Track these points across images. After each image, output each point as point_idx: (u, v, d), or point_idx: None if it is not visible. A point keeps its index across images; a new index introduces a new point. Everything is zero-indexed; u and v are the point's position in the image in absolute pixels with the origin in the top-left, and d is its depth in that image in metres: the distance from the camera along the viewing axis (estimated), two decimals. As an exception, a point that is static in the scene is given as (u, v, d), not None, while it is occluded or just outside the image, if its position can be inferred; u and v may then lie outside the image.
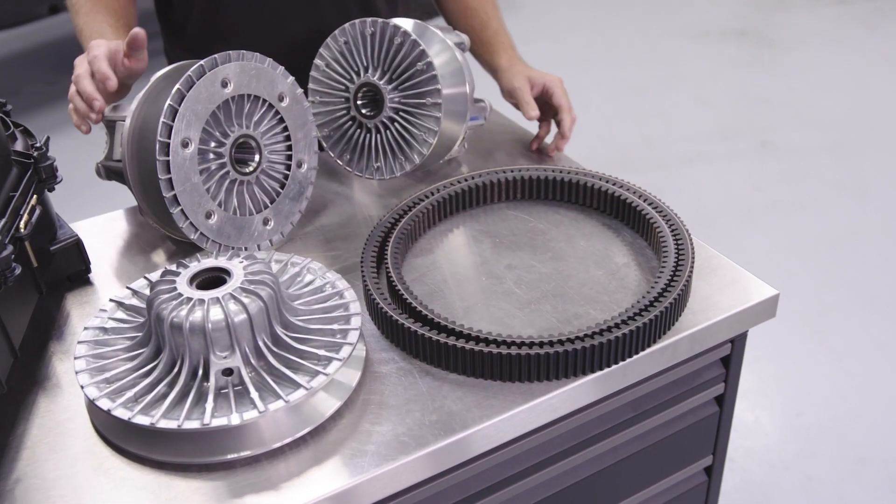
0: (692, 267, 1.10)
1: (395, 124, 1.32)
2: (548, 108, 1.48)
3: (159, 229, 1.29)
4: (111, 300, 1.08)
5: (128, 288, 1.10)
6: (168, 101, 1.10)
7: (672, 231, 1.17)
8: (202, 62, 1.13)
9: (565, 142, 1.46)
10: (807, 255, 2.86)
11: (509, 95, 1.48)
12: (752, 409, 2.28)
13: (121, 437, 0.95)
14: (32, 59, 4.80)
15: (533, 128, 1.56)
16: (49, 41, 4.95)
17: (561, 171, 1.31)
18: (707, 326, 1.07)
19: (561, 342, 0.99)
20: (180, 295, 0.96)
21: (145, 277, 1.11)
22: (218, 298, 0.95)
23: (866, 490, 2.04)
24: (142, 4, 1.65)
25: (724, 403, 1.23)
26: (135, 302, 1.08)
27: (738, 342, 1.17)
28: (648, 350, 1.04)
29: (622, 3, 4.87)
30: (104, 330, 1.04)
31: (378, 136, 1.34)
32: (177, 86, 1.11)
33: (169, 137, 1.11)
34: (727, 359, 1.19)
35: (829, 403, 2.29)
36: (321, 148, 1.41)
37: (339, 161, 1.39)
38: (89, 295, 1.22)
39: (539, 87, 1.46)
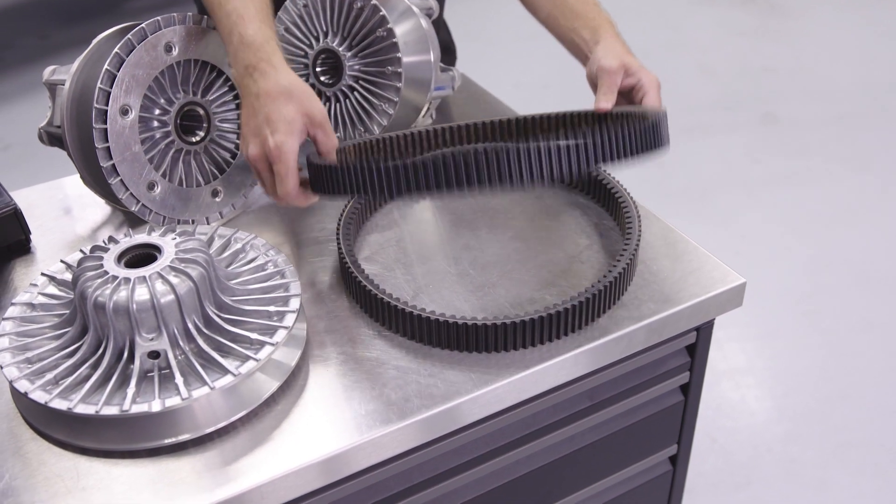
0: (637, 245, 1.05)
1: (355, 93, 1.26)
2: (630, 97, 1.19)
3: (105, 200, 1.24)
4: (43, 274, 1.03)
5: (61, 261, 1.05)
6: (105, 66, 1.05)
7: (624, 210, 1.11)
8: (143, 24, 1.07)
9: None
10: (803, 230, 2.79)
11: (593, 76, 1.18)
12: (738, 389, 2.23)
13: (41, 421, 0.91)
14: (25, 12, 4.72)
15: (509, 100, 1.49)
16: (43, -5, 4.87)
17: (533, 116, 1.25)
18: (666, 316, 1.02)
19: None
20: (106, 273, 0.91)
21: (81, 251, 1.06)
22: (144, 277, 0.90)
23: (849, 474, 2.00)
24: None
25: (690, 392, 1.18)
26: (67, 277, 1.03)
27: (703, 330, 1.11)
28: (602, 340, 0.99)
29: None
30: (32, 306, 0.99)
31: (338, 104, 1.28)
32: (115, 49, 1.05)
33: (107, 104, 1.05)
34: (692, 347, 1.13)
35: (817, 384, 2.24)
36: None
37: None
38: (31, 266, 1.17)
39: (632, 81, 1.16)
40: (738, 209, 2.90)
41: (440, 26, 1.48)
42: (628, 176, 1.21)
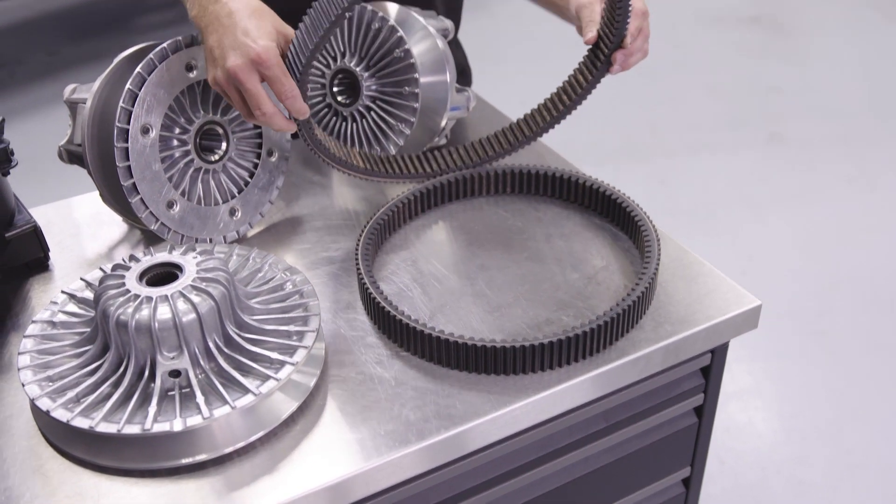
0: (656, 269, 1.06)
1: (372, 113, 1.27)
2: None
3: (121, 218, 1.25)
4: (63, 292, 1.04)
5: (82, 279, 1.05)
6: (128, 85, 1.06)
7: (642, 233, 1.11)
8: (165, 44, 1.08)
9: (627, 58, 1.17)
10: (810, 250, 2.79)
11: (576, 16, 1.22)
12: (746, 410, 2.23)
13: (62, 439, 0.91)
14: (34, 28, 4.75)
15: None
16: (51, 11, 4.90)
17: (544, 167, 1.26)
18: (683, 338, 1.02)
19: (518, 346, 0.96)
20: (128, 291, 0.92)
21: (101, 269, 1.07)
22: (166, 296, 0.91)
23: (858, 497, 1.99)
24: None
25: (704, 414, 1.18)
26: (88, 294, 1.04)
27: (718, 352, 1.12)
28: (620, 361, 0.99)
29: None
30: (52, 324, 1.00)
31: (354, 124, 1.29)
32: (137, 69, 1.06)
33: (128, 123, 1.06)
34: (707, 369, 1.14)
35: (825, 406, 2.24)
36: (294, 135, 1.36)
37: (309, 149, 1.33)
38: (50, 282, 1.18)
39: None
40: (745, 228, 2.90)
41: (455, 47, 1.49)
42: (635, 194, 1.21)
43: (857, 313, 2.53)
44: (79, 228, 1.28)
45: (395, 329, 1.01)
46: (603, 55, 1.18)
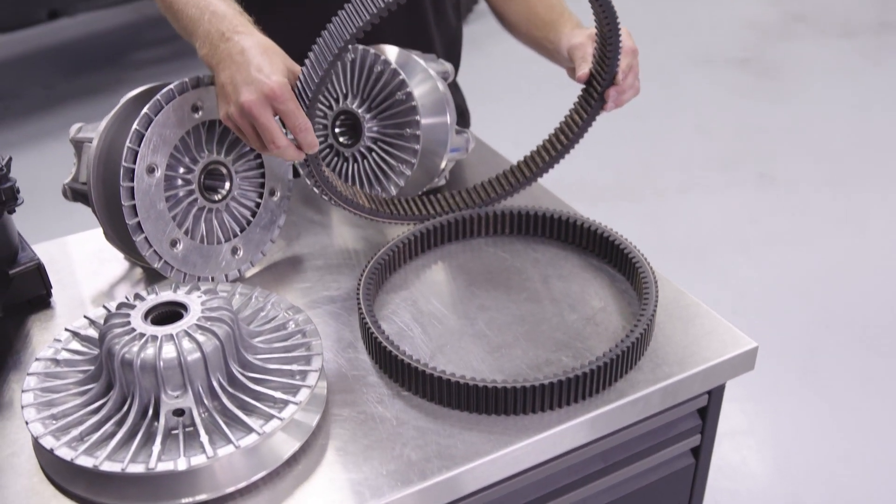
0: (654, 311, 1.07)
1: (373, 154, 1.29)
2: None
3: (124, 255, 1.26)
4: (66, 330, 1.04)
5: (85, 317, 1.06)
6: (134, 126, 1.07)
7: (640, 275, 1.13)
8: (172, 86, 1.10)
9: (619, 95, 1.22)
10: (800, 289, 2.81)
11: (568, 57, 1.27)
12: (739, 450, 2.23)
13: (65, 478, 0.91)
14: (31, 62, 4.78)
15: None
16: (48, 45, 4.94)
17: (542, 208, 1.27)
18: (681, 379, 1.03)
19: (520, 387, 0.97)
20: (133, 330, 0.92)
21: (104, 307, 1.08)
22: (172, 335, 0.91)
23: (851, 537, 2.00)
24: None
25: (700, 455, 1.19)
26: (91, 332, 1.04)
27: (715, 393, 1.13)
28: (619, 402, 1.00)
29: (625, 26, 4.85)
30: (56, 362, 1.00)
31: (355, 164, 1.30)
32: (144, 109, 1.08)
33: (134, 163, 1.08)
34: (704, 410, 1.15)
35: (818, 446, 2.24)
36: (296, 175, 1.38)
37: (315, 189, 1.35)
38: (51, 320, 1.18)
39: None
40: (736, 268, 2.93)
41: (454, 89, 1.52)
42: (627, 233, 1.23)
43: (848, 353, 2.54)
44: (79, 266, 1.29)
45: (396, 369, 1.02)
46: (596, 93, 1.22)
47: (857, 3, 5.26)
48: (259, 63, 1.01)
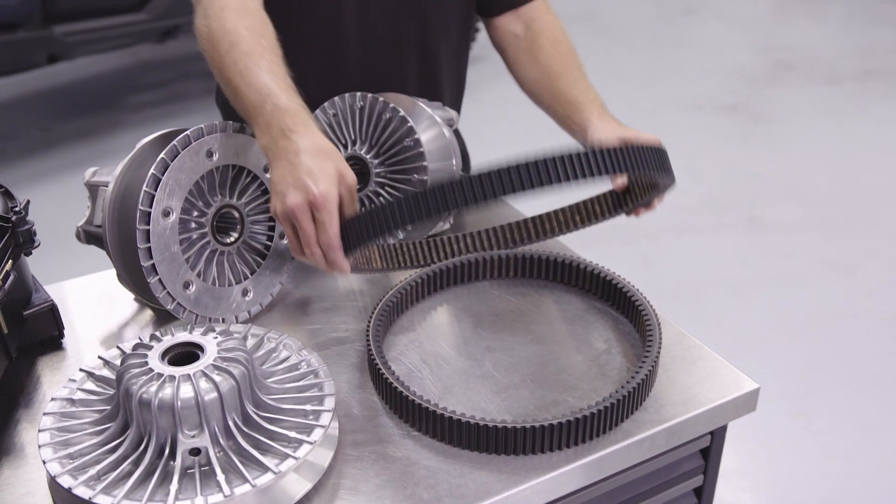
0: (658, 351, 1.09)
1: (381, 198, 1.32)
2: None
3: (136, 296, 1.28)
4: (81, 370, 1.06)
5: (100, 357, 1.08)
6: (151, 170, 1.10)
7: (643, 317, 1.16)
8: (188, 132, 1.13)
9: (648, 210, 1.30)
10: (792, 332, 2.85)
11: None
12: (734, 491, 2.24)
13: (81, 517, 0.92)
14: (28, 105, 4.82)
15: (522, 203, 1.56)
16: (45, 88, 4.98)
17: (546, 252, 1.30)
18: (685, 420, 1.06)
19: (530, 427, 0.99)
20: (151, 370, 0.94)
21: (118, 347, 1.09)
22: (189, 375, 0.93)
23: (848, 579, 2.00)
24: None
25: (703, 495, 1.20)
26: (106, 373, 1.06)
27: (717, 434, 1.15)
28: (626, 442, 1.02)
29: (615, 73, 4.94)
30: (72, 402, 1.02)
31: (363, 209, 1.33)
32: (161, 155, 1.11)
33: (150, 206, 1.10)
34: (706, 450, 1.17)
35: (813, 486, 2.26)
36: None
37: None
38: (61, 361, 1.20)
39: None
40: (728, 310, 2.96)
41: (456, 135, 1.55)
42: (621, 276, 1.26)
43: (841, 395, 2.57)
44: (89, 307, 1.31)
45: (407, 409, 1.04)
46: (625, 204, 1.26)
47: (842, 52, 5.38)
48: (310, 167, 1.03)
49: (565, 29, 1.48)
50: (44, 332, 1.19)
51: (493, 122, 4.28)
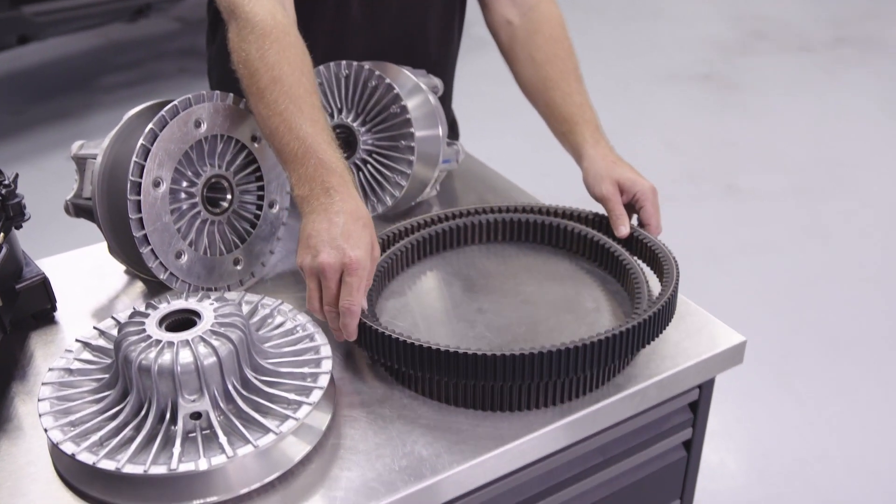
0: (677, 283, 1.11)
1: (368, 166, 1.33)
2: (631, 207, 1.30)
3: (128, 268, 1.28)
4: (77, 340, 1.06)
5: (95, 328, 1.08)
6: (140, 141, 1.10)
7: (659, 257, 1.18)
8: (175, 102, 1.13)
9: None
10: (771, 297, 2.89)
11: (596, 199, 1.31)
12: (718, 452, 2.29)
13: (84, 482, 0.93)
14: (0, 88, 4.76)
15: (509, 172, 1.57)
16: (16, 70, 4.92)
17: (533, 212, 1.31)
18: (675, 373, 1.08)
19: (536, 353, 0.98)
20: (149, 337, 0.95)
21: (113, 318, 1.10)
22: (188, 341, 0.94)
23: (830, 533, 2.06)
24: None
25: (692, 448, 1.23)
26: (102, 343, 1.06)
27: (705, 387, 1.18)
28: (618, 396, 1.04)
29: (588, 46, 4.94)
30: (69, 371, 1.02)
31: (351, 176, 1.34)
32: (150, 125, 1.11)
33: (140, 177, 1.10)
34: (695, 404, 1.19)
35: (794, 446, 2.31)
36: (293, 188, 1.41)
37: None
38: (54, 334, 1.20)
39: (629, 196, 1.28)
40: (708, 278, 3.00)
41: (445, 101, 1.56)
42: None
43: (818, 357, 2.62)
44: (79, 281, 1.31)
45: (400, 353, 1.02)
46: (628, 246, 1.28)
47: (814, 21, 5.42)
48: (350, 230, 1.03)
49: (563, 21, 1.45)
50: (36, 305, 1.19)
51: (485, 89, 4.28)
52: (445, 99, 1.57)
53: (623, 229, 1.26)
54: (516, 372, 0.97)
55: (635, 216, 1.30)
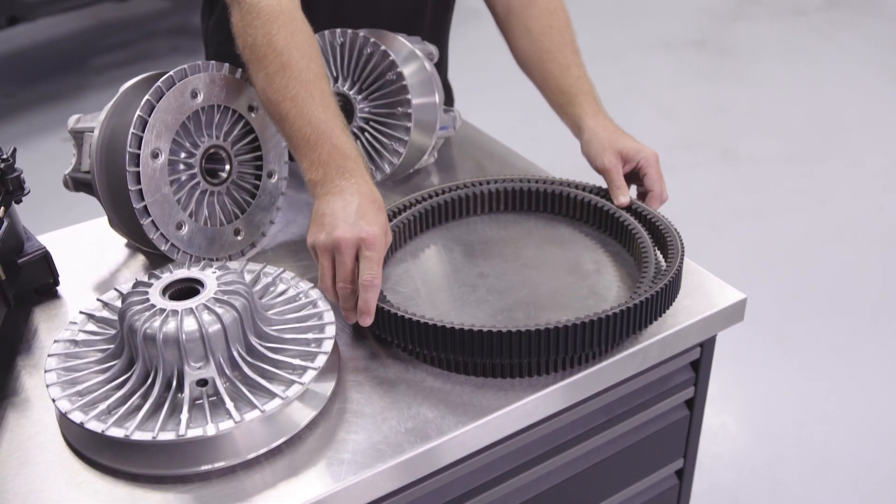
0: (682, 258, 1.11)
1: (366, 134, 1.33)
2: (634, 176, 1.30)
3: (129, 241, 1.29)
4: (81, 312, 1.07)
5: (98, 300, 1.09)
6: (138, 112, 1.10)
7: (662, 230, 1.18)
8: (171, 73, 1.13)
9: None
10: (769, 261, 2.90)
11: (598, 171, 1.30)
12: (719, 414, 2.30)
13: (93, 450, 0.94)
14: (-10, 71, 4.74)
15: (507, 138, 1.57)
16: (6, 53, 4.89)
17: (531, 181, 1.32)
18: (677, 331, 1.09)
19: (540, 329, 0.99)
20: (153, 306, 0.95)
21: (116, 289, 1.10)
22: (192, 309, 0.95)
23: (831, 493, 2.07)
24: None
25: (695, 407, 1.24)
26: (106, 314, 1.07)
27: (706, 346, 1.19)
28: (620, 355, 1.05)
29: (581, 13, 4.91)
30: (75, 343, 1.03)
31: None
32: (146, 96, 1.11)
33: (139, 148, 1.10)
34: (696, 363, 1.20)
35: (794, 408, 2.32)
36: (291, 158, 1.41)
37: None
38: (58, 308, 1.21)
39: (632, 165, 1.27)
40: (705, 243, 3.00)
41: (440, 68, 1.56)
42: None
43: (816, 319, 2.63)
44: (80, 255, 1.31)
45: (404, 331, 1.04)
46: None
47: (806, -16, 5.39)
48: (366, 210, 1.04)
49: None
50: (39, 279, 1.19)
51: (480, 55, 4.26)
52: (441, 66, 1.57)
53: (623, 198, 1.25)
54: (522, 349, 0.98)
55: (635, 188, 1.30)
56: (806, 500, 2.06)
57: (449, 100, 1.62)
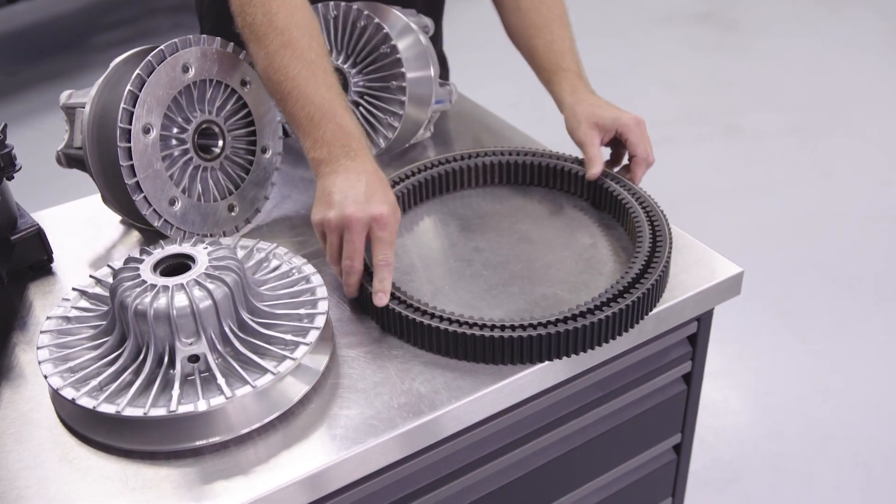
0: (670, 250, 1.10)
1: (360, 108, 1.32)
2: (620, 144, 1.28)
3: (122, 217, 1.28)
4: (74, 289, 1.06)
5: (91, 276, 1.08)
6: (128, 87, 1.09)
7: (648, 214, 1.17)
8: (162, 47, 1.12)
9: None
10: (771, 236, 2.89)
11: (577, 145, 1.28)
12: (721, 389, 2.30)
13: (86, 426, 0.94)
14: (-9, 50, 4.72)
15: (504, 111, 1.56)
16: (8, 31, 4.87)
17: (527, 154, 1.31)
18: (673, 305, 1.08)
19: (533, 326, 0.99)
20: (144, 282, 0.95)
21: (108, 266, 1.10)
22: (182, 284, 0.94)
23: (833, 467, 2.07)
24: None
25: (692, 381, 1.24)
26: (98, 290, 1.06)
27: (703, 320, 1.18)
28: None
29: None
30: (67, 319, 1.03)
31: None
32: (137, 71, 1.09)
33: (130, 123, 1.09)
34: (693, 337, 1.20)
35: (796, 382, 2.32)
36: (286, 133, 1.40)
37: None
38: (52, 285, 1.20)
39: (611, 134, 1.25)
40: (708, 218, 2.99)
41: (436, 41, 1.54)
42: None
43: (819, 293, 2.62)
44: (75, 232, 1.31)
45: (398, 323, 1.04)
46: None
47: (813, -45, 5.33)
48: (375, 189, 1.04)
49: None
50: (32, 256, 1.19)
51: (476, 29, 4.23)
52: (436, 39, 1.55)
53: (592, 170, 1.23)
54: (524, 353, 1.00)
55: (627, 157, 1.28)
56: (807, 473, 2.06)
57: (444, 72, 1.61)
